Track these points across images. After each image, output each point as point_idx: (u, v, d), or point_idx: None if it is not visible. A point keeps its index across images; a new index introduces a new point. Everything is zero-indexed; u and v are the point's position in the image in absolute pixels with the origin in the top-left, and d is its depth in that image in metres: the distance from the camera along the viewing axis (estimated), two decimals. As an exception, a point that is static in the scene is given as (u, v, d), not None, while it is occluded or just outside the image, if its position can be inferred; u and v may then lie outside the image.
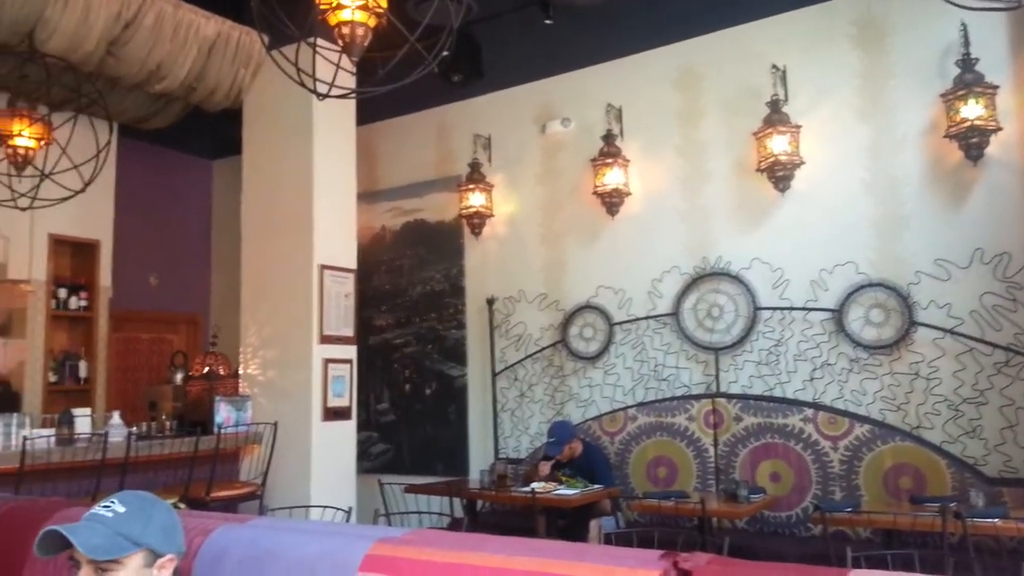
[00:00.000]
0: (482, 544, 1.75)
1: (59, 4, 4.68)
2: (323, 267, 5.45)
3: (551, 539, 4.05)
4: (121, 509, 1.66)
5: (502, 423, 6.27)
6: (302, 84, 3.65)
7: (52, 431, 4.60)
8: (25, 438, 4.15)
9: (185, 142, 7.25)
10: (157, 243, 7.37)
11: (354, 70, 3.44)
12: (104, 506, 1.67)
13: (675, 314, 5.60)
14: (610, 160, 5.74)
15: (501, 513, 5.69)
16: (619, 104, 5.96)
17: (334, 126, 5.66)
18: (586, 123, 6.10)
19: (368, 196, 6.88)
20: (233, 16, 5.51)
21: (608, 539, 3.60)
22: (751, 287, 5.36)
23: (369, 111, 6.22)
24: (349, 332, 5.61)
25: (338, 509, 4.05)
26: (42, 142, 4.81)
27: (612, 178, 5.74)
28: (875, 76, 5.10)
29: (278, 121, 5.71)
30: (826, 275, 5.12)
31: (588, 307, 5.97)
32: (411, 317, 6.84)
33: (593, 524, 4.78)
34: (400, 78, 3.11)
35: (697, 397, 5.42)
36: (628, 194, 5.81)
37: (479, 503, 5.51)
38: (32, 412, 5.52)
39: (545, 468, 5.01)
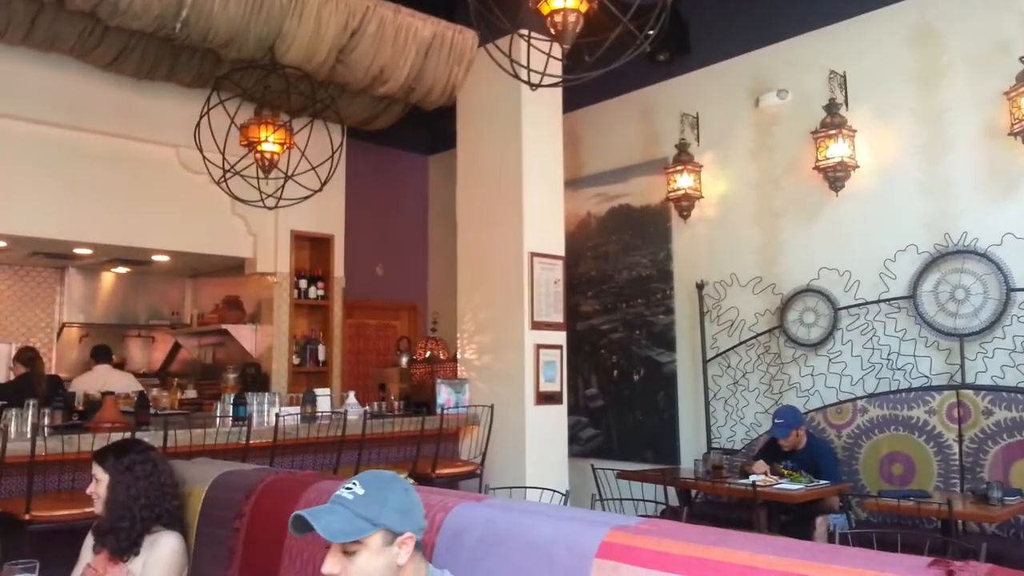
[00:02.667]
0: (724, 539, 1.67)
1: (295, 18, 5.13)
2: (533, 254, 5.56)
3: (773, 535, 3.86)
4: (361, 491, 1.73)
5: (714, 411, 6.07)
6: (516, 76, 3.72)
7: (297, 409, 5.08)
8: (277, 415, 4.61)
9: (403, 139, 7.69)
10: (381, 236, 7.91)
11: (561, 58, 3.45)
12: (347, 487, 1.75)
13: (912, 297, 5.11)
14: (834, 131, 5.33)
15: (716, 504, 5.52)
16: (842, 70, 5.51)
17: (542, 116, 5.75)
18: (804, 93, 5.71)
19: (573, 183, 6.92)
20: (447, 16, 5.75)
21: (844, 539, 3.36)
22: (1003, 266, 4.76)
23: (573, 98, 6.24)
24: (559, 318, 5.68)
25: (556, 492, 4.12)
26: (284, 146, 5.30)
27: (836, 150, 5.33)
28: None
29: (489, 114, 5.90)
30: (1102, 251, 4.42)
31: (809, 291, 5.60)
32: (618, 303, 6.81)
33: (820, 521, 4.48)
34: (607, 61, 3.08)
35: (938, 388, 4.91)
36: (855, 167, 5.37)
37: (693, 493, 5.38)
38: (279, 391, 6.14)
39: (761, 467, 4.76)
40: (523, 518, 1.95)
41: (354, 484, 1.75)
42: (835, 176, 5.37)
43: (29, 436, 3.80)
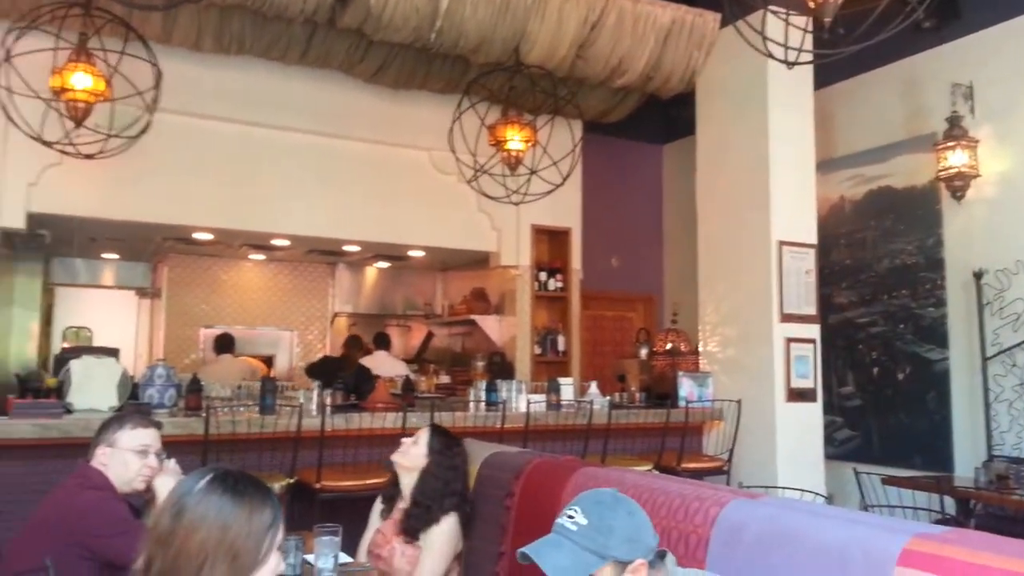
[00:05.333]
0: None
1: (538, 18, 5.28)
2: (781, 243, 5.29)
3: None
4: (584, 521, 1.64)
5: (996, 415, 5.39)
6: (768, 54, 3.55)
7: (543, 397, 5.24)
8: (529, 401, 4.80)
9: (637, 130, 7.64)
10: (616, 228, 7.94)
11: (823, 30, 3.23)
12: (568, 516, 1.67)
13: None
14: None
15: (1000, 518, 4.90)
16: None
17: (790, 95, 5.45)
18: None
19: (824, 165, 6.46)
20: (685, 0, 5.63)
21: None
22: None
23: (824, 74, 5.83)
24: (811, 310, 5.36)
25: (817, 495, 3.88)
26: (529, 144, 5.48)
27: None
28: None
29: (731, 98, 5.69)
30: None
31: (1121, 279, 4.79)
32: (877, 294, 6.27)
33: None
34: (871, 33, 2.82)
35: None
36: None
37: (971, 503, 4.83)
38: (523, 380, 6.38)
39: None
40: (809, 519, 1.85)
41: (576, 512, 1.67)
42: None
43: (316, 413, 4.29)
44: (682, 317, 6.34)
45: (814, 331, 5.34)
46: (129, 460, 2.53)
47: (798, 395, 5.18)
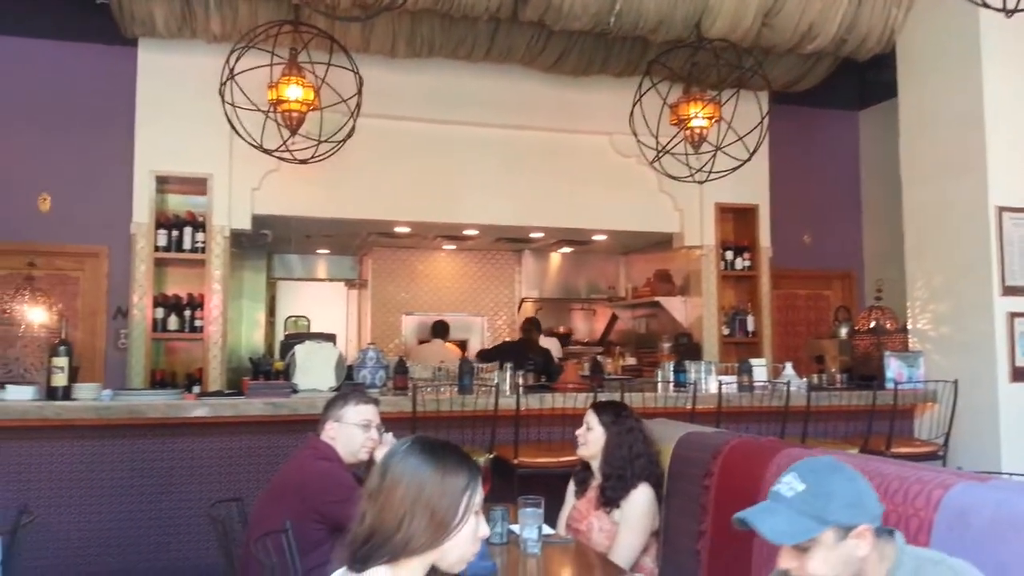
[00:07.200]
0: None
1: (719, -10, 5.13)
2: (1000, 208, 4.82)
3: None
4: (800, 487, 1.60)
5: None
6: (983, 3, 3.28)
7: (733, 378, 5.13)
8: (720, 383, 4.73)
9: (829, 97, 7.21)
10: (807, 202, 7.55)
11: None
12: (784, 483, 1.64)
13: None
14: None
15: None
16: None
17: (1008, 48, 4.93)
18: None
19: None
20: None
21: None
22: None
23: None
24: (1038, 282, 4.84)
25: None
26: (713, 120, 5.36)
27: None
28: None
29: (937, 55, 5.24)
30: None
31: None
32: (1122, 262, 5.52)
33: None
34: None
35: None
36: None
37: None
38: (712, 361, 6.26)
39: None
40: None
41: (791, 479, 1.64)
42: None
43: (510, 393, 4.49)
44: (886, 293, 5.95)
45: (1043, 305, 4.83)
46: (354, 433, 2.80)
47: (1024, 375, 4.71)
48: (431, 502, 1.53)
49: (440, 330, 7.39)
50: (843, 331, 5.71)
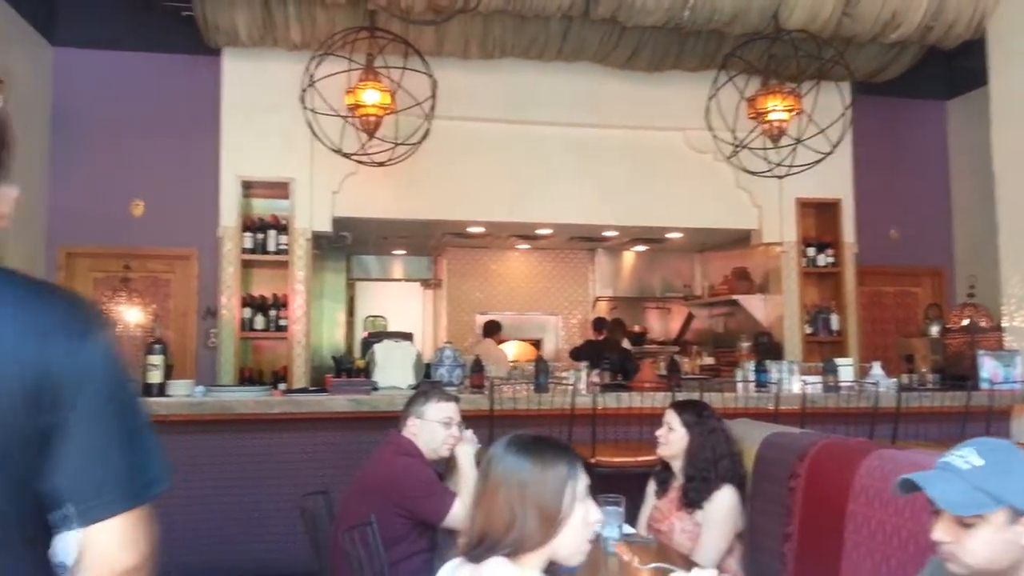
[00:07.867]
0: None
1: (798, -20, 5.00)
2: (1108, 199, 4.54)
3: None
4: (979, 462, 1.54)
5: None
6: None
7: (817, 378, 4.98)
8: (804, 383, 4.61)
9: (915, 87, 6.94)
10: (893, 196, 7.27)
11: None
12: (959, 455, 1.58)
13: None
14: None
15: None
16: None
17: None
18: None
19: None
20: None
21: None
22: None
23: None
24: None
25: None
26: (793, 113, 5.22)
27: None
28: None
29: (1034, 38, 4.98)
30: None
31: None
32: None
33: None
34: None
35: None
36: None
37: None
38: (794, 360, 6.09)
39: None
40: None
41: (969, 452, 1.58)
42: None
43: (585, 392, 4.48)
44: (979, 290, 5.69)
45: None
46: (436, 430, 2.85)
47: None
48: (536, 498, 1.53)
49: (491, 329, 7.37)
50: (934, 329, 5.48)
